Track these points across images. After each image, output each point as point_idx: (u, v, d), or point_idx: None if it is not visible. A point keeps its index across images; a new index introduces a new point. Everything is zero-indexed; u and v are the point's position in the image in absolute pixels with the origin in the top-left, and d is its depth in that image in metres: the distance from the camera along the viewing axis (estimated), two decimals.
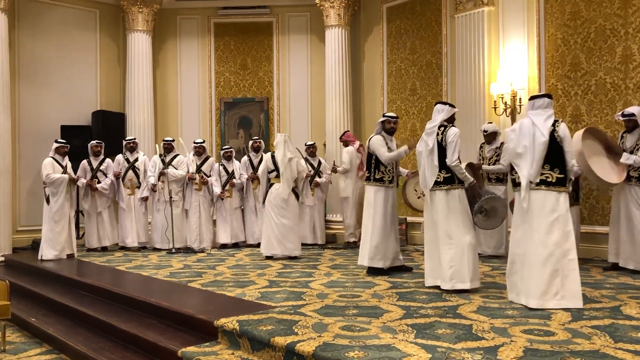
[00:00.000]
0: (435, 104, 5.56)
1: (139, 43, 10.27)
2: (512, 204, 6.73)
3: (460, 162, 5.29)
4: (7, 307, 5.06)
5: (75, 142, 9.85)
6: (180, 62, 11.04)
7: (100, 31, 10.73)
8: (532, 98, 4.84)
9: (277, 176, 7.76)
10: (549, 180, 4.58)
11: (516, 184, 4.79)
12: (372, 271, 6.24)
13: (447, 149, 5.27)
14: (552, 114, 4.69)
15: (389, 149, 6.26)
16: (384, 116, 6.42)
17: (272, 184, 7.82)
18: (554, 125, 4.62)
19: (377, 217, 6.17)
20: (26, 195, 9.71)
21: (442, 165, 5.30)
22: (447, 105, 5.47)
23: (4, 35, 8.73)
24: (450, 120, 5.44)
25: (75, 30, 10.44)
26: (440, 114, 5.43)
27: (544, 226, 4.52)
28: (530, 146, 4.62)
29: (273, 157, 7.84)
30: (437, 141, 5.32)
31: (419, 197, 6.23)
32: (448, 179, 5.30)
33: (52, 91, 10.15)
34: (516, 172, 4.75)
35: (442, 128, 5.36)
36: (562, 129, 4.62)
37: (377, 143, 6.25)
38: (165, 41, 11.03)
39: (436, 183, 5.33)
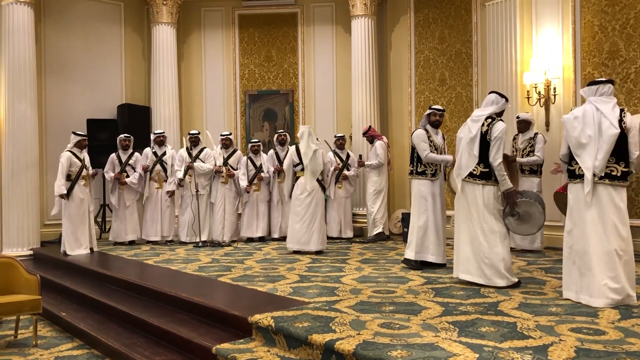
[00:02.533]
0: (490, 93, 5.32)
1: (164, 36, 10.22)
2: (556, 195, 6.52)
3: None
4: (38, 301, 5.03)
5: (101, 135, 9.90)
6: (204, 54, 10.96)
7: (125, 24, 10.70)
8: (594, 83, 4.57)
9: (303, 169, 7.63)
10: (614, 173, 4.35)
11: (576, 176, 4.48)
12: (408, 265, 6.12)
13: (491, 145, 5.02)
14: (616, 102, 4.46)
15: (432, 142, 6.11)
16: (430, 108, 6.26)
17: (298, 178, 7.69)
18: (620, 114, 4.37)
19: (422, 211, 6.04)
20: (53, 188, 9.69)
21: (482, 158, 5.07)
22: (503, 99, 5.21)
23: (30, 29, 8.72)
24: (499, 114, 5.21)
25: (100, 24, 10.43)
26: (492, 105, 5.17)
27: (609, 222, 4.30)
28: (595, 136, 4.35)
29: (297, 149, 7.71)
30: (481, 132, 5.08)
31: None
32: (485, 174, 5.06)
33: (77, 85, 10.16)
34: (576, 163, 4.47)
35: (489, 120, 5.10)
36: (630, 118, 4.38)
37: (419, 137, 6.11)
38: (190, 34, 10.96)
39: (471, 175, 5.12)
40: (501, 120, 5.15)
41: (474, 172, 5.11)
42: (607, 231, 4.31)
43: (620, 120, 4.35)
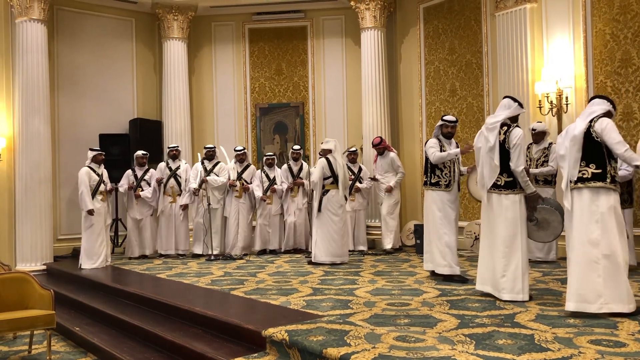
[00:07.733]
0: (503, 98, 5.24)
1: (175, 50, 10.31)
2: None
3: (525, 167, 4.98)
4: (52, 316, 5.03)
5: (113, 150, 9.95)
6: (215, 68, 11.03)
7: (136, 39, 10.79)
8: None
9: (332, 182, 7.65)
10: (585, 176, 4.40)
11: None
12: (439, 276, 6.08)
13: (511, 152, 4.95)
14: (595, 112, 4.49)
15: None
16: (441, 120, 6.24)
17: (326, 191, 7.68)
18: (590, 122, 4.43)
19: (433, 223, 6.00)
20: (66, 203, 9.78)
21: (504, 167, 4.98)
22: (517, 103, 5.12)
23: (44, 46, 8.83)
24: (514, 120, 5.12)
25: (111, 39, 10.52)
26: (505, 110, 5.10)
27: (584, 226, 4.34)
28: (569, 146, 4.50)
29: (329, 163, 7.68)
30: (499, 141, 5.00)
31: None
32: (510, 183, 4.97)
33: (90, 100, 10.24)
34: None
35: (505, 127, 5.04)
36: (599, 125, 4.38)
37: (429, 145, 6.10)
38: (201, 48, 11.03)
39: (496, 186, 5.01)
40: (518, 126, 5.08)
41: (498, 183, 5.00)
42: (583, 236, 4.33)
43: (589, 127, 4.40)
